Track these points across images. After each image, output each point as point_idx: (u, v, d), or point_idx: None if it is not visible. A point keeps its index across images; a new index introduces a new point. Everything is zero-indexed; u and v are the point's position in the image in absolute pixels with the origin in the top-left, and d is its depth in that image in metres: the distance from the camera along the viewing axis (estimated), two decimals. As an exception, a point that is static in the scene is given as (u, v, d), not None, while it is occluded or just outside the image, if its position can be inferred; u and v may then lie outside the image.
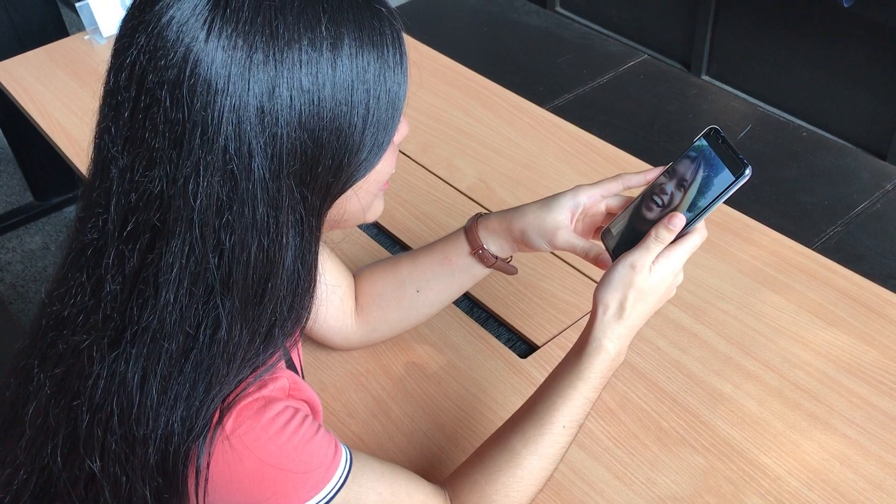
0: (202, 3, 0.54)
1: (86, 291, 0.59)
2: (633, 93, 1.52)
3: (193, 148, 0.54)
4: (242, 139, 0.54)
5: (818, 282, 1.06)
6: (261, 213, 0.56)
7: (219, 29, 0.53)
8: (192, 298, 0.56)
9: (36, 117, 1.45)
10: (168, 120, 0.54)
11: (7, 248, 2.42)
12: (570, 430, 0.74)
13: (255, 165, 0.55)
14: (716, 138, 0.73)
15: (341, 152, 0.59)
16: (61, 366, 0.60)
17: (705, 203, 0.71)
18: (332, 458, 0.64)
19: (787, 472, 0.86)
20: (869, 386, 0.94)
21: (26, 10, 2.18)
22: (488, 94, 1.46)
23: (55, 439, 0.60)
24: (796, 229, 1.17)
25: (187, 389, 0.57)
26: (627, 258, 0.72)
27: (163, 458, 0.58)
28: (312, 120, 0.56)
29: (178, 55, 0.53)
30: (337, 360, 1.00)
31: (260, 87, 0.54)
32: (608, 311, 0.73)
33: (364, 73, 0.58)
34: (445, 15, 1.76)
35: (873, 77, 2.29)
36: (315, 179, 0.58)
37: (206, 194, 0.54)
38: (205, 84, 0.53)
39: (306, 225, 0.59)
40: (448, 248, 0.89)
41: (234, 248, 0.56)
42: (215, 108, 0.53)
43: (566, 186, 0.89)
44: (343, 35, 0.57)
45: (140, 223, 0.56)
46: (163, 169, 0.54)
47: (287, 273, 0.59)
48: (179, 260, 0.55)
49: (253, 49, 0.54)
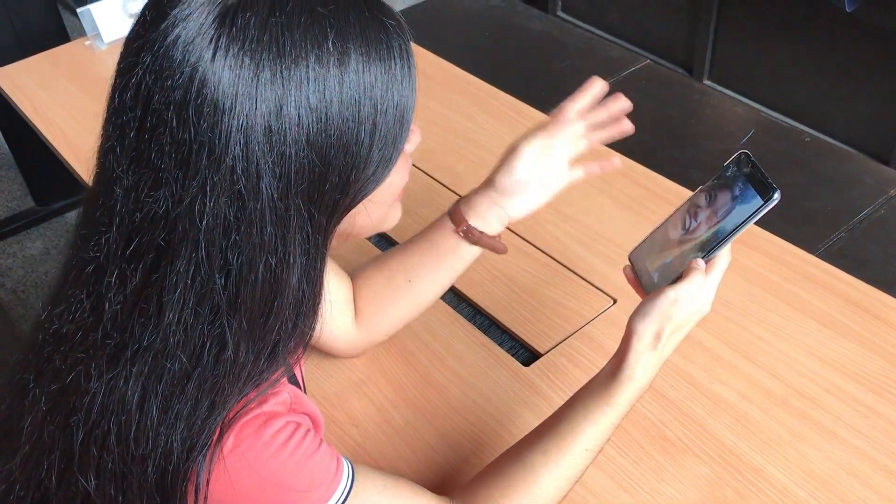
0: (208, 22, 0.53)
1: (85, 309, 0.58)
2: (635, 98, 1.51)
3: (200, 168, 0.53)
4: (250, 159, 0.53)
5: (823, 289, 1.05)
6: (269, 232, 0.55)
7: (225, 47, 0.53)
8: (196, 318, 0.56)
9: (37, 123, 1.45)
10: (174, 140, 0.53)
11: (8, 253, 2.42)
12: (591, 454, 0.74)
13: (262, 185, 0.54)
14: (746, 162, 0.73)
15: (349, 169, 0.58)
16: (57, 382, 0.59)
17: (733, 227, 0.72)
18: (335, 473, 0.63)
19: (792, 482, 0.85)
20: (875, 394, 0.93)
21: (28, 16, 2.18)
22: (490, 98, 1.46)
23: (51, 456, 0.60)
24: (800, 235, 1.16)
25: (189, 408, 0.57)
26: (669, 293, 0.72)
27: (161, 477, 0.57)
28: (320, 138, 0.55)
29: (185, 75, 0.53)
30: (338, 368, 0.99)
31: (267, 106, 0.53)
32: (643, 340, 0.72)
33: (371, 88, 0.57)
34: (447, 19, 1.76)
35: (876, 82, 2.29)
36: (322, 197, 0.57)
37: (212, 214, 0.54)
38: (211, 104, 0.52)
39: (312, 243, 0.58)
40: (433, 232, 0.89)
41: (241, 269, 0.55)
42: (222, 129, 0.53)
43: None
44: (350, 51, 0.56)
45: (144, 243, 0.55)
46: (168, 189, 0.54)
47: (293, 292, 0.58)
48: (185, 280, 0.55)
49: (260, 68, 0.53)
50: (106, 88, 0.59)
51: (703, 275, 0.73)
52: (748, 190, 0.72)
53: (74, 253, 0.60)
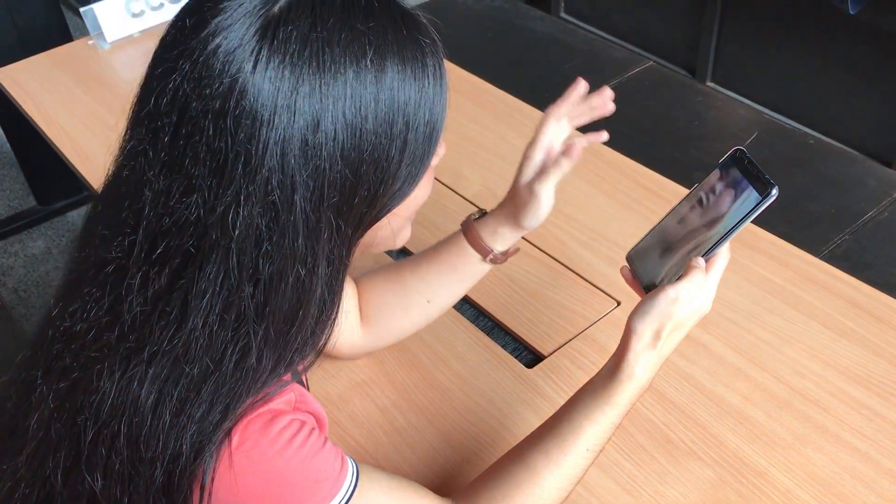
0: (250, 34, 0.53)
1: (101, 308, 0.58)
2: (639, 99, 1.51)
3: (235, 178, 0.53)
4: (286, 171, 0.54)
5: (827, 291, 1.05)
6: (300, 243, 0.56)
7: (266, 59, 0.53)
8: (222, 325, 0.56)
9: (39, 122, 1.45)
10: (210, 149, 0.53)
11: (9, 252, 2.42)
12: (593, 454, 0.74)
13: (297, 197, 0.54)
14: (741, 159, 0.73)
15: (378, 183, 0.59)
16: (66, 379, 0.59)
17: (732, 224, 0.71)
18: (339, 471, 0.63)
19: (796, 486, 0.85)
20: (879, 398, 0.93)
21: (30, 15, 2.18)
22: (493, 100, 1.46)
23: (57, 454, 0.60)
24: (803, 238, 1.16)
25: (202, 412, 0.57)
26: (670, 291, 0.72)
27: (168, 479, 0.57)
28: (353, 153, 0.56)
29: (224, 85, 0.53)
30: (341, 369, 0.99)
31: (305, 120, 0.54)
32: (643, 339, 0.72)
33: (405, 106, 0.58)
34: (450, 21, 1.76)
35: (880, 84, 2.28)
36: (351, 210, 0.58)
37: (245, 224, 0.54)
38: (250, 115, 0.53)
39: (337, 254, 0.59)
40: (453, 258, 0.90)
41: (271, 278, 0.56)
42: (260, 140, 0.53)
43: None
44: (387, 68, 0.56)
45: (171, 247, 0.55)
46: (201, 196, 0.54)
47: (317, 301, 0.59)
48: (213, 286, 0.55)
49: (300, 81, 0.53)
50: (108, 87, 0.59)
51: (703, 273, 0.73)
52: (746, 187, 0.71)
53: (91, 252, 0.59)
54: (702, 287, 0.73)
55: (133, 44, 1.65)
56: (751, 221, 0.71)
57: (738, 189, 0.72)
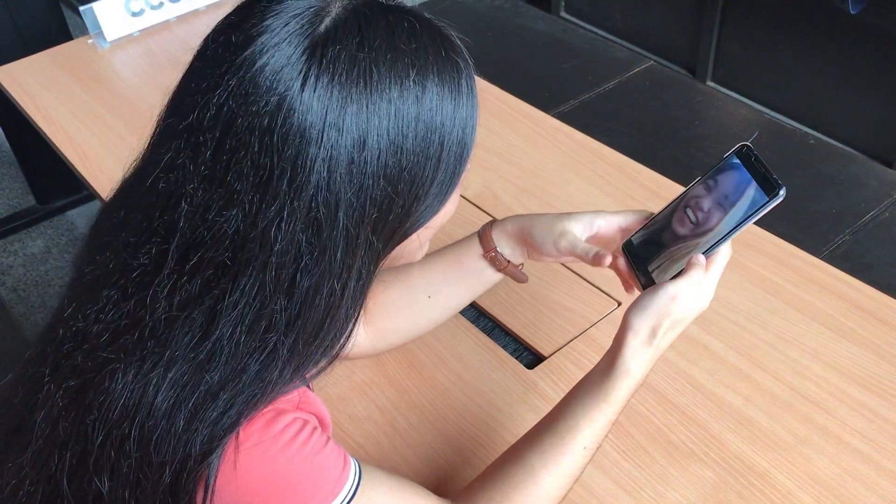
0: (297, 52, 0.54)
1: (121, 311, 0.58)
2: (639, 99, 1.51)
3: (279, 194, 0.54)
4: (332, 189, 0.55)
5: (828, 292, 1.05)
6: (338, 259, 0.57)
7: (315, 78, 0.54)
8: (250, 335, 0.56)
9: (39, 121, 1.44)
10: (255, 165, 0.54)
11: (9, 251, 2.42)
12: (590, 452, 0.74)
13: (340, 214, 0.55)
14: (748, 156, 0.71)
15: (412, 200, 0.60)
16: (76, 379, 0.59)
17: (735, 222, 0.70)
18: (342, 470, 0.63)
19: (798, 487, 0.84)
20: (881, 399, 0.92)
21: (30, 14, 2.17)
22: (493, 99, 1.45)
23: (63, 453, 0.60)
24: (804, 238, 1.16)
25: (215, 417, 0.57)
26: (669, 288, 0.72)
27: (176, 480, 0.57)
28: (394, 170, 0.57)
29: (272, 103, 0.53)
30: (341, 370, 0.99)
31: (352, 139, 0.54)
32: (639, 335, 0.72)
33: (441, 126, 0.59)
34: (450, 20, 1.75)
35: (881, 84, 2.28)
36: (385, 226, 0.59)
37: (287, 239, 0.55)
38: (297, 133, 0.53)
39: (366, 269, 0.60)
40: (460, 251, 0.90)
41: (307, 292, 0.56)
42: (307, 158, 0.54)
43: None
44: (427, 88, 0.58)
45: (206, 258, 0.55)
46: (241, 210, 0.54)
47: (343, 313, 0.60)
48: (247, 298, 0.55)
49: (348, 100, 0.54)
50: (108, 87, 0.59)
51: (703, 271, 0.72)
52: (751, 185, 0.70)
53: (112, 256, 0.59)
54: (701, 285, 0.72)
55: (133, 43, 1.65)
56: (754, 222, 0.70)
57: (743, 187, 0.70)
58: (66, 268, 2.34)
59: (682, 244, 0.74)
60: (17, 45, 2.13)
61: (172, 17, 1.69)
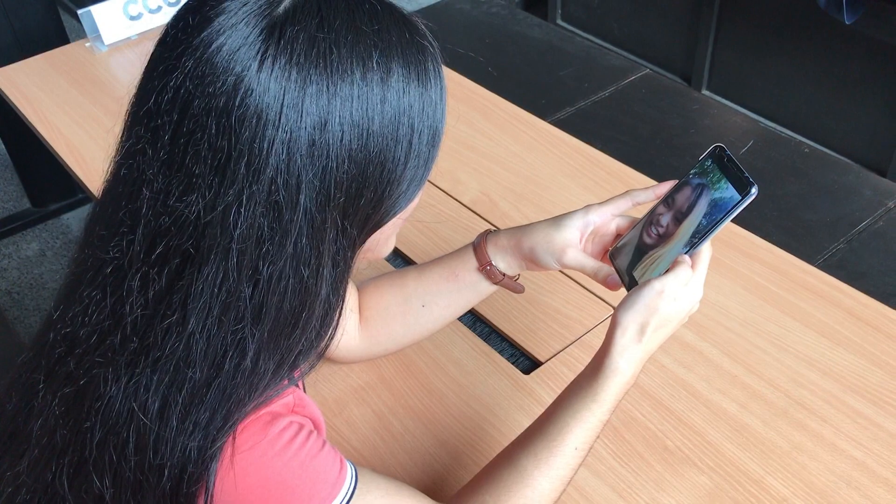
0: (255, 33, 0.53)
1: (103, 311, 0.57)
2: (635, 107, 1.52)
3: (237, 177, 0.53)
4: (291, 171, 0.53)
5: (823, 300, 1.06)
6: (303, 244, 0.55)
7: (273, 59, 0.53)
8: (220, 327, 0.55)
9: (36, 124, 1.44)
10: (212, 147, 0.53)
11: (3, 254, 2.41)
12: (582, 452, 0.74)
13: (301, 198, 0.54)
14: (721, 157, 0.73)
15: (383, 185, 0.58)
16: (71, 385, 0.59)
17: (712, 222, 0.71)
18: (338, 474, 0.63)
19: (792, 494, 0.85)
20: (875, 406, 0.93)
21: (27, 17, 2.17)
22: (491, 106, 1.46)
23: (61, 460, 0.59)
24: (798, 246, 1.16)
25: (207, 417, 0.56)
26: (655, 284, 0.72)
27: (176, 484, 0.57)
28: (360, 153, 0.56)
29: (228, 84, 0.52)
30: (338, 373, 0.99)
31: (312, 120, 0.53)
32: (627, 333, 0.72)
33: (410, 108, 0.58)
34: (448, 27, 1.76)
35: (875, 94, 2.30)
36: (356, 212, 0.58)
37: (247, 224, 0.53)
38: (255, 114, 0.52)
39: (342, 256, 0.59)
40: (455, 263, 0.89)
41: (270, 279, 0.55)
42: (265, 140, 0.53)
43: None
44: (392, 70, 0.57)
45: (170, 248, 0.54)
46: (201, 195, 0.53)
47: (322, 303, 0.59)
48: (211, 288, 0.54)
49: (307, 81, 0.53)
50: (105, 90, 0.59)
51: (689, 268, 0.72)
52: (726, 185, 0.71)
53: (90, 253, 0.59)
54: (688, 283, 0.72)
55: (131, 46, 1.65)
56: (731, 220, 0.71)
57: (718, 187, 0.72)
58: (60, 271, 2.33)
59: (661, 247, 0.75)
60: (13, 48, 2.13)
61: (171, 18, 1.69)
